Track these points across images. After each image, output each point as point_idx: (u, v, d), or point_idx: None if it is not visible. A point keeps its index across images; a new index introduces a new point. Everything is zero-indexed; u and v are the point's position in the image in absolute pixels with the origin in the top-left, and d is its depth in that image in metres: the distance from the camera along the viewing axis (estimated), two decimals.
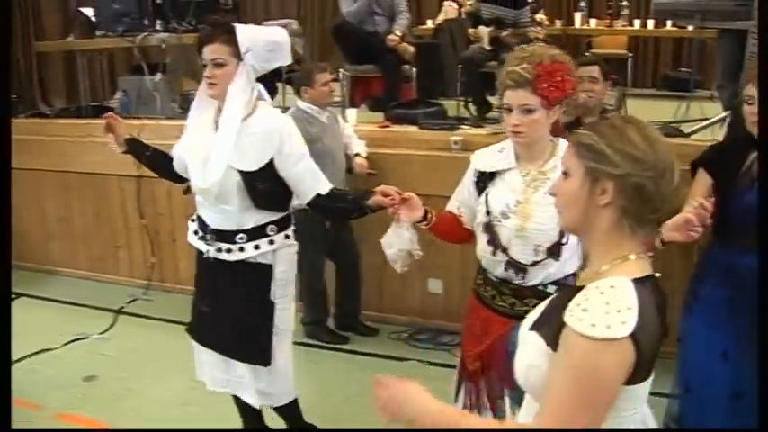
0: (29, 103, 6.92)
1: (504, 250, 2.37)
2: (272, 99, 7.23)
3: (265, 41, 2.80)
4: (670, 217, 1.58)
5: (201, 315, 3.05)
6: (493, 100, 6.19)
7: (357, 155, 4.40)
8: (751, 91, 2.52)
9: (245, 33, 2.74)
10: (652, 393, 1.55)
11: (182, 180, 3.06)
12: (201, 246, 2.92)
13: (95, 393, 3.94)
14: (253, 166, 2.75)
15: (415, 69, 5.96)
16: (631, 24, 8.68)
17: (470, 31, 6.18)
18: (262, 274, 2.88)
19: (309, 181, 2.86)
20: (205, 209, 2.88)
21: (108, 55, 7.27)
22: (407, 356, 4.31)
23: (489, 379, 2.46)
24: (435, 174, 4.10)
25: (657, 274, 1.51)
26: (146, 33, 5.77)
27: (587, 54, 7.88)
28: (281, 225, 2.88)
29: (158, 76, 5.74)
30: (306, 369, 4.20)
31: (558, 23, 8.97)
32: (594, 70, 3.52)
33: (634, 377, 1.42)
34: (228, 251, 2.84)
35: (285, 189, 2.86)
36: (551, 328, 1.46)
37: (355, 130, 4.63)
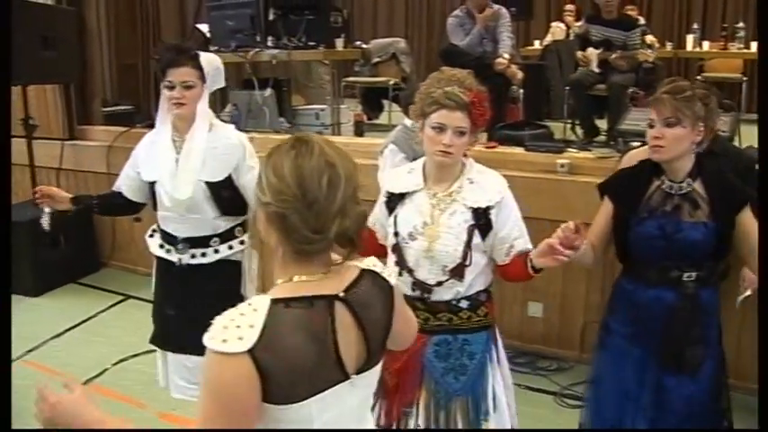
0: (145, 114, 7.21)
1: (411, 271, 2.40)
2: (378, 117, 7.35)
3: (214, 67, 3.06)
4: (343, 239, 1.51)
5: (168, 323, 3.15)
6: (601, 123, 6.10)
7: None
8: (652, 114, 2.48)
9: (205, 59, 3.00)
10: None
11: (136, 209, 3.25)
12: (171, 257, 3.08)
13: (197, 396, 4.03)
14: (218, 176, 2.98)
15: (522, 91, 5.92)
16: (747, 47, 8.33)
17: (578, 53, 6.10)
18: (234, 270, 3.12)
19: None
20: (172, 222, 3.05)
21: None
22: None
23: (403, 395, 2.50)
24: (540, 196, 4.04)
25: (341, 294, 1.50)
26: (257, 49, 5.94)
27: (699, 78, 7.66)
28: (246, 226, 3.14)
29: (268, 91, 5.89)
30: None
31: (669, 46, 8.74)
32: None
33: (276, 397, 1.41)
34: (203, 255, 3.04)
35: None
36: None
37: None
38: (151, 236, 3.19)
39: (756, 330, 2.30)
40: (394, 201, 2.50)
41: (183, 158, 2.97)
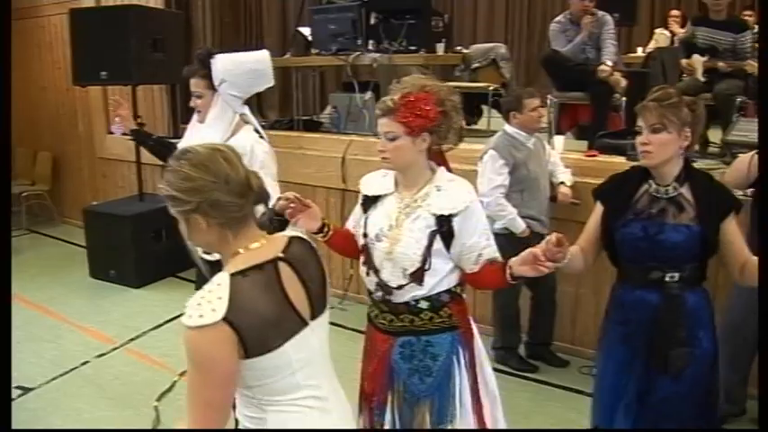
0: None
1: (376, 271, 2.46)
2: (476, 122, 7.29)
3: (245, 70, 3.10)
4: (262, 199, 1.81)
5: None
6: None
7: (562, 183, 4.33)
8: (639, 121, 2.55)
9: (222, 66, 3.02)
10: None
11: None
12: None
13: None
14: None
15: (624, 99, 5.78)
16: None
17: (683, 60, 5.91)
18: None
19: None
20: None
21: (320, 72, 7.62)
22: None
23: (375, 396, 2.56)
24: None
25: (280, 255, 1.79)
26: (358, 53, 6.00)
27: None
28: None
29: (368, 94, 5.93)
30: None
31: None
32: None
33: (255, 350, 1.68)
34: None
35: None
36: None
37: (561, 157, 4.55)
38: None
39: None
40: (368, 203, 2.56)
41: None
